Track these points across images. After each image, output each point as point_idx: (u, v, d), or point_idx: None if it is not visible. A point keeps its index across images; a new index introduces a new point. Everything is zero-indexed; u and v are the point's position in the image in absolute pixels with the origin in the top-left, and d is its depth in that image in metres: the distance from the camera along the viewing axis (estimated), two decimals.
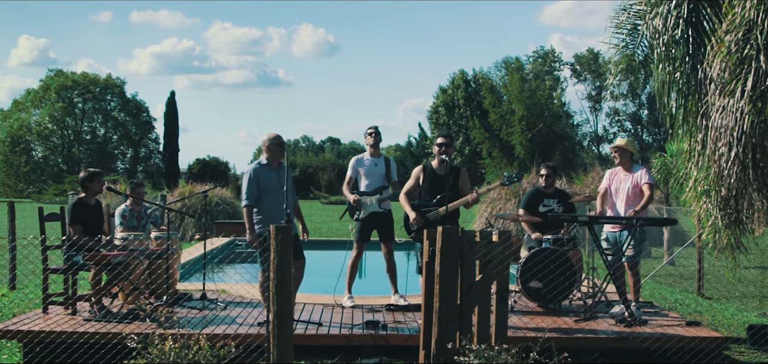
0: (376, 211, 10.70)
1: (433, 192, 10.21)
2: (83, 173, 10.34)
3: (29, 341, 8.76)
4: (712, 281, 15.11)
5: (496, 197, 24.01)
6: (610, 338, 8.92)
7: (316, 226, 31.67)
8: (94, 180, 10.18)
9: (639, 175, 10.56)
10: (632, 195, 10.51)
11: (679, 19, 10.36)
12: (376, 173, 10.79)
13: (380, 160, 10.92)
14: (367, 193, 10.72)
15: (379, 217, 10.77)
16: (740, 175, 9.32)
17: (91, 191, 10.15)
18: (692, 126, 10.15)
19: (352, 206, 10.78)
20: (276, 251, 7.25)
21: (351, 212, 10.86)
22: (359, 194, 10.74)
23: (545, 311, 10.31)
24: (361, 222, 10.75)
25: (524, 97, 60.72)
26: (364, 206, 10.68)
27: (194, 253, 16.68)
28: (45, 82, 78.20)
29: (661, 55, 10.50)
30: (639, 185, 10.48)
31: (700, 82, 9.78)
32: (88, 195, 10.14)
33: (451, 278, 7.57)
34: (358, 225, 10.79)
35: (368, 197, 10.70)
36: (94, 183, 10.17)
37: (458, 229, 7.78)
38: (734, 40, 9.10)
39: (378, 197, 10.69)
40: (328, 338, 9.02)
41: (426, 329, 7.71)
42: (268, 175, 9.71)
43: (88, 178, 10.17)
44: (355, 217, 10.76)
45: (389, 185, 10.88)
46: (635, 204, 10.40)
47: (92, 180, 10.16)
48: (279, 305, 7.31)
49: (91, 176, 10.20)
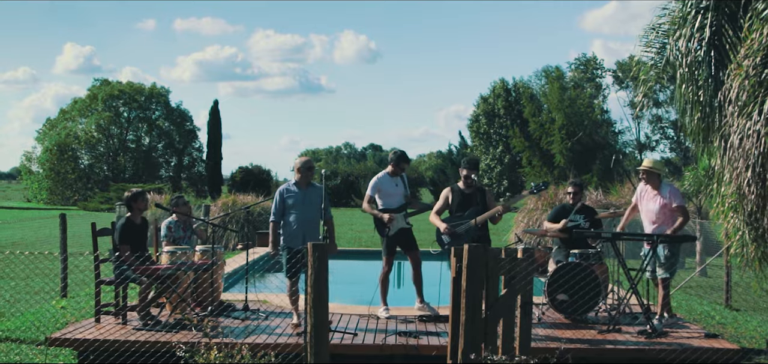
0: (403, 227, 11.22)
1: (463, 208, 10.78)
2: (128, 193, 10.99)
3: (84, 349, 9.38)
4: (741, 293, 15.40)
5: (532, 207, 24.42)
6: (630, 349, 9.36)
7: (356, 234, 32.05)
8: (138, 199, 10.84)
9: (668, 196, 10.93)
10: (662, 215, 10.90)
11: (702, 41, 10.79)
12: (397, 193, 11.31)
13: (399, 179, 11.45)
14: (394, 210, 11.23)
15: (405, 232, 11.32)
16: (760, 192, 9.71)
17: (136, 210, 10.79)
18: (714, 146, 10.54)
19: (381, 224, 11.28)
20: (313, 267, 7.82)
21: (380, 229, 11.37)
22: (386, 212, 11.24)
23: (571, 322, 10.74)
24: (388, 238, 11.27)
25: (564, 106, 60.79)
26: (393, 224, 11.20)
27: (237, 263, 17.23)
28: (92, 91, 79.22)
29: (684, 76, 10.93)
30: (669, 205, 10.87)
31: (720, 104, 10.18)
32: (134, 214, 10.77)
33: (477, 293, 8.07)
34: (385, 241, 11.32)
35: (396, 214, 11.21)
36: (138, 202, 10.82)
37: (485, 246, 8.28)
38: (752, 64, 9.46)
39: (404, 214, 11.21)
40: (362, 347, 9.58)
41: (453, 341, 8.21)
42: (294, 195, 10.60)
43: (133, 199, 10.82)
44: (385, 234, 11.27)
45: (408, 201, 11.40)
46: (664, 224, 10.81)
47: (136, 200, 10.82)
48: (316, 317, 7.87)
49: (135, 196, 10.86)
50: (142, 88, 80.00)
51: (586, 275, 10.56)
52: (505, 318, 8.24)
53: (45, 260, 18.94)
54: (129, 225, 10.62)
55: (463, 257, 8.09)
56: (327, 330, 8.28)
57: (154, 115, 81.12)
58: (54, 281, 15.76)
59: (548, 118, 62.69)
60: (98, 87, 79.64)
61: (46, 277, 16.58)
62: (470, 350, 7.93)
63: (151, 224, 11.54)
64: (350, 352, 9.50)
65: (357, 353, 9.54)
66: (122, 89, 78.86)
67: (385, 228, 11.23)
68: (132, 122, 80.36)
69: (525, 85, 69.88)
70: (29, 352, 10.36)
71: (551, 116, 62.19)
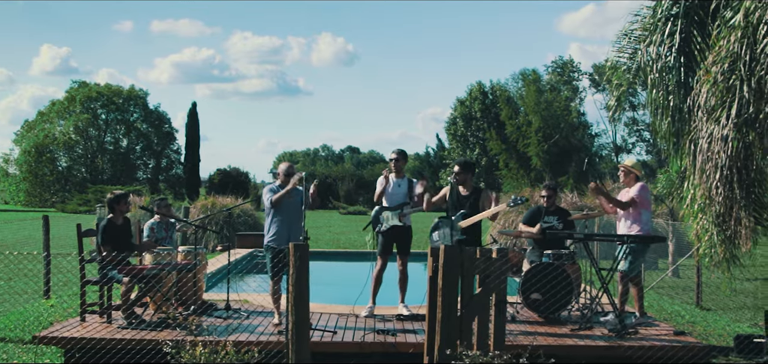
0: (396, 224, 11.51)
1: (456, 209, 11.11)
2: (110, 195, 11.26)
3: (70, 347, 9.60)
4: (711, 293, 15.75)
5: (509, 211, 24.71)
6: (599, 346, 9.68)
7: (335, 237, 32.30)
8: (120, 202, 11.11)
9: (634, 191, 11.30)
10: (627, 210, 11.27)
11: (671, 48, 11.13)
12: (399, 193, 11.59)
13: (403, 180, 11.73)
14: (389, 208, 11.51)
15: (399, 230, 11.58)
16: (728, 195, 10.04)
17: (118, 212, 11.06)
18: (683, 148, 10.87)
19: (375, 219, 11.59)
20: (295, 267, 8.12)
21: (374, 224, 11.66)
22: (382, 209, 11.57)
23: (545, 321, 11.05)
24: (382, 235, 11.57)
25: (541, 109, 61.29)
26: (384, 220, 11.51)
27: (217, 264, 17.44)
28: (70, 93, 79.13)
29: (655, 80, 11.28)
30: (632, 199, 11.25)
31: (690, 109, 10.51)
32: (116, 215, 11.03)
33: (452, 291, 8.37)
34: (380, 238, 11.63)
35: (389, 212, 11.50)
36: (121, 204, 11.09)
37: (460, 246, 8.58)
38: (720, 70, 9.78)
39: (399, 212, 11.48)
40: (341, 345, 9.87)
41: (430, 337, 8.51)
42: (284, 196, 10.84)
43: (115, 201, 11.10)
44: (377, 229, 11.57)
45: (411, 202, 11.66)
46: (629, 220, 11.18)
47: (119, 202, 11.09)
48: (297, 315, 8.17)
49: (117, 199, 11.13)
50: (120, 90, 79.95)
51: (558, 274, 10.86)
52: (479, 316, 8.53)
53: (25, 261, 19.08)
54: (110, 226, 10.87)
55: (439, 256, 8.39)
56: (308, 328, 8.57)
57: (132, 117, 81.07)
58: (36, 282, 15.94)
59: (525, 121, 63.19)
60: (76, 89, 79.53)
61: (28, 278, 16.74)
62: (446, 346, 8.22)
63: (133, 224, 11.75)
64: (330, 350, 9.78)
65: (336, 350, 9.81)
66: (100, 91, 78.78)
67: (378, 224, 11.52)
68: (110, 124, 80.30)
69: (502, 88, 70.31)
70: (16, 350, 10.57)
71: (528, 119, 62.70)
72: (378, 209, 11.63)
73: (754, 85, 9.40)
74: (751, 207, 10.28)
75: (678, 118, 11.28)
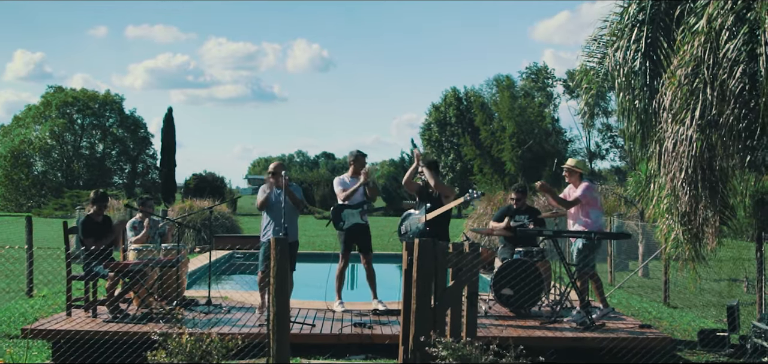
0: (358, 222, 11.96)
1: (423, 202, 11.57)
2: (92, 194, 11.72)
3: (58, 340, 9.91)
4: (678, 291, 16.20)
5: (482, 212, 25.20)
6: (568, 337, 10.12)
7: (310, 239, 32.55)
8: (101, 200, 11.59)
9: (580, 190, 11.70)
10: (576, 210, 11.66)
11: (638, 52, 11.55)
12: (358, 191, 12.01)
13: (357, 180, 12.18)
14: (351, 206, 11.94)
15: (360, 228, 12.04)
16: (693, 195, 10.46)
17: (96, 211, 11.46)
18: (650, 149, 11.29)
19: (337, 217, 12.01)
20: (276, 259, 8.48)
21: (335, 222, 12.07)
22: (343, 208, 11.98)
23: (516, 315, 11.44)
24: (344, 233, 12.02)
25: (514, 115, 61.88)
26: (346, 218, 11.93)
27: (197, 264, 17.74)
28: (45, 98, 79.15)
29: (622, 84, 11.69)
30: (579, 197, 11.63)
31: (655, 111, 10.94)
32: (95, 213, 11.44)
33: (427, 283, 8.75)
34: (342, 236, 12.05)
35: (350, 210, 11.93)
36: (101, 202, 11.57)
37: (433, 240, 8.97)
38: (684, 73, 10.20)
39: (360, 210, 11.91)
40: (320, 336, 10.30)
41: (405, 328, 8.89)
42: (269, 196, 11.61)
43: (96, 199, 11.56)
44: (340, 226, 11.98)
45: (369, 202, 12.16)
46: (578, 218, 11.57)
47: (97, 201, 11.52)
48: (278, 306, 8.53)
49: (97, 198, 11.59)
50: (96, 95, 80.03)
51: (529, 270, 11.24)
52: (452, 308, 8.92)
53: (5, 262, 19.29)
54: (88, 221, 11.36)
55: (414, 250, 8.78)
56: (288, 319, 8.93)
57: (108, 122, 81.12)
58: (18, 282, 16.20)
59: (499, 127, 63.73)
60: (52, 94, 79.59)
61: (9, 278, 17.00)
62: (420, 335, 8.60)
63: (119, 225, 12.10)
64: (310, 341, 10.20)
65: (316, 342, 10.23)
66: (76, 96, 78.84)
67: (340, 222, 11.91)
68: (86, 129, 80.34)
69: (476, 94, 70.83)
70: (3, 344, 10.85)
71: (502, 125, 63.22)
72: (338, 207, 12.07)
73: (716, 88, 9.83)
74: (716, 207, 10.69)
75: (644, 119, 11.69)
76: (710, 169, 10.44)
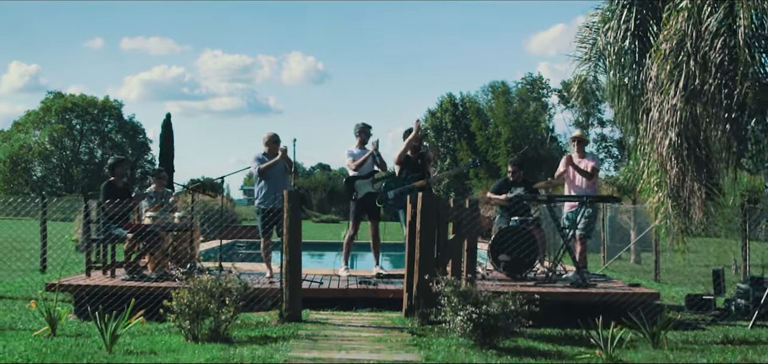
0: (370, 191, 12.46)
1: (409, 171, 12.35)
2: (111, 160, 12.35)
3: (80, 292, 10.54)
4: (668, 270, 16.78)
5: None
6: (562, 293, 10.74)
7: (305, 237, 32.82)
8: (119, 165, 12.19)
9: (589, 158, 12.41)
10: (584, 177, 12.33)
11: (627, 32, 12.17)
12: (369, 163, 12.53)
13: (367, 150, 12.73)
14: (362, 177, 12.47)
15: (371, 197, 12.50)
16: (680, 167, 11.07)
17: (118, 174, 12.03)
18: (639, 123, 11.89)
19: (349, 189, 12.51)
20: (288, 212, 9.14)
21: (349, 194, 12.60)
22: (355, 179, 12.49)
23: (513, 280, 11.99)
24: (356, 203, 12.49)
25: (510, 120, 62.49)
26: (360, 188, 12.45)
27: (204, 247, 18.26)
28: (45, 103, 79.43)
29: (612, 63, 12.30)
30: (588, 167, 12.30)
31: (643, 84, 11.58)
32: (116, 178, 12.00)
33: (430, 233, 9.40)
34: (353, 206, 12.55)
35: (362, 181, 12.45)
36: (120, 167, 12.15)
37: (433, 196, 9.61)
38: (669, 47, 10.82)
39: (371, 180, 12.44)
40: (328, 291, 11.02)
41: (408, 276, 9.54)
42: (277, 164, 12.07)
43: (115, 164, 12.17)
44: (353, 197, 12.50)
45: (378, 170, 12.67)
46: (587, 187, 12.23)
47: (118, 166, 12.13)
48: (290, 254, 9.19)
49: (117, 163, 12.22)
50: (95, 101, 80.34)
51: (525, 237, 11.79)
52: (453, 259, 9.56)
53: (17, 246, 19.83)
54: (111, 186, 11.85)
55: (418, 203, 9.43)
56: (300, 267, 9.58)
57: (107, 127, 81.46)
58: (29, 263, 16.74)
59: (495, 132, 64.25)
60: (51, 99, 79.84)
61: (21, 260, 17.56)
62: (424, 275, 9.22)
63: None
64: (318, 295, 10.86)
65: (324, 296, 10.90)
66: (75, 102, 79.16)
67: (353, 192, 12.45)
68: (85, 135, 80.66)
69: (472, 100, 71.30)
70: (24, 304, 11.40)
71: (497, 130, 63.76)
72: (350, 178, 12.58)
73: (699, 59, 10.47)
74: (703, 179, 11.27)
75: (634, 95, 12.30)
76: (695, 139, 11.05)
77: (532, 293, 8.71)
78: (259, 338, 8.70)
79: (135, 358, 7.68)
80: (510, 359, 7.99)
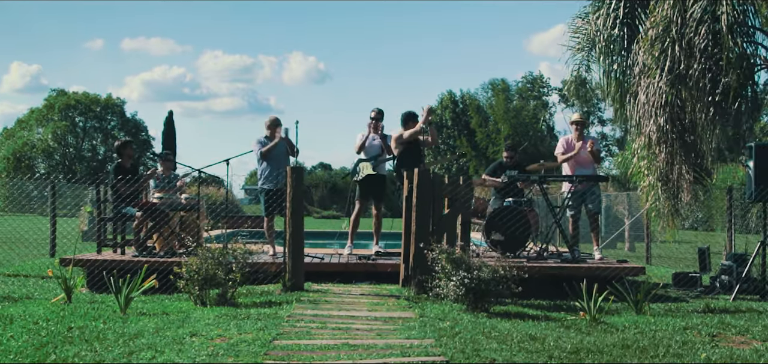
0: (370, 174, 12.70)
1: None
2: (118, 142, 12.88)
3: (91, 267, 11.10)
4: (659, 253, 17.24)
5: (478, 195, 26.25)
6: (552, 266, 11.28)
7: None
8: (127, 147, 12.74)
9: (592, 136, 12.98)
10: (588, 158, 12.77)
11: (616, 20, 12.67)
12: (374, 146, 12.83)
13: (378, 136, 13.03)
14: (366, 159, 12.81)
15: (374, 179, 12.78)
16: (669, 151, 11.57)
17: (126, 156, 12.53)
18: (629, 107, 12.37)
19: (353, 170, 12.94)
20: (291, 186, 9.63)
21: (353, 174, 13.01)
22: (360, 160, 12.89)
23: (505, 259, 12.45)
24: (359, 183, 12.84)
25: (510, 117, 62.91)
26: (360, 170, 12.79)
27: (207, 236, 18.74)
28: (48, 101, 79.78)
29: (602, 49, 12.80)
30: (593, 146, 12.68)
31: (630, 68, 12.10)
32: (124, 159, 12.49)
33: (426, 206, 9.90)
34: (357, 187, 12.92)
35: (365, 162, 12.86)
36: (127, 150, 12.68)
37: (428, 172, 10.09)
38: (656, 33, 11.33)
39: (373, 162, 12.80)
40: (329, 265, 11.57)
41: (405, 248, 10.04)
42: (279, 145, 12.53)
43: (123, 146, 12.73)
44: (356, 178, 12.89)
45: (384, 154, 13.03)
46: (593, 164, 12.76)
47: (126, 147, 12.70)
48: (293, 227, 9.70)
49: (124, 144, 12.75)
50: (97, 98, 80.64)
51: (518, 216, 12.20)
52: (448, 233, 10.07)
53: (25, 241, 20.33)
54: (120, 167, 12.33)
55: (414, 178, 9.93)
56: (302, 239, 10.09)
57: (110, 125, 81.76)
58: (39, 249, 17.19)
59: (494, 129, 64.64)
60: (55, 97, 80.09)
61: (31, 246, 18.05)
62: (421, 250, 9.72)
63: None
64: (320, 269, 11.42)
65: (325, 270, 11.45)
66: (78, 99, 79.48)
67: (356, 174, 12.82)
68: (88, 132, 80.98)
69: (472, 97, 71.65)
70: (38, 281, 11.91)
71: (497, 127, 64.17)
72: (357, 161, 13.01)
73: (684, 45, 10.97)
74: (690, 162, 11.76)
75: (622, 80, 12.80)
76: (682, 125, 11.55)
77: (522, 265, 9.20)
78: (265, 303, 9.25)
79: (148, 318, 8.20)
80: (500, 320, 8.48)
